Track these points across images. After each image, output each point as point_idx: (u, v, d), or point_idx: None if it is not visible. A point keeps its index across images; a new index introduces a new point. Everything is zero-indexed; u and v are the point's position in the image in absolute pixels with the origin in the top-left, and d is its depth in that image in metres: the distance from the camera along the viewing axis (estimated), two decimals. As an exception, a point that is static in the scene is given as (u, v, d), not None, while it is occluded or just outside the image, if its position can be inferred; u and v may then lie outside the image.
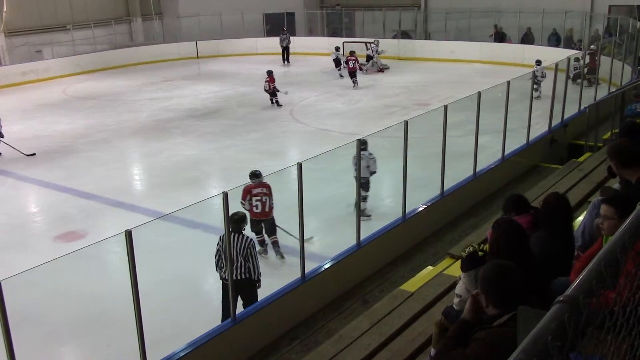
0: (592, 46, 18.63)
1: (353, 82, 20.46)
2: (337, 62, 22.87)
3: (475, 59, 24.37)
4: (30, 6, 25.89)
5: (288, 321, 6.74)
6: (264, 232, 8.77)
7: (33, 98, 20.83)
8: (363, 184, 9.17)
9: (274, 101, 18.18)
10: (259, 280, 6.84)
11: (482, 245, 3.78)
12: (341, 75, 22.04)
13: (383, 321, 5.51)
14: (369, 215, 9.57)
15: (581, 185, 8.47)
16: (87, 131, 16.25)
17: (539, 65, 18.64)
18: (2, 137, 13.89)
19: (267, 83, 18.02)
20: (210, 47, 28.54)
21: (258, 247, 8.22)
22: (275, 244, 8.65)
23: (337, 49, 23.59)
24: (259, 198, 8.49)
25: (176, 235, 9.36)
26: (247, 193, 8.49)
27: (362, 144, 8.58)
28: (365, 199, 9.59)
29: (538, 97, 14.70)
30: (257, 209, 8.51)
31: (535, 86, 17.17)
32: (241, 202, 8.48)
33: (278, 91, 18.12)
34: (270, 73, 18.23)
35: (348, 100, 19.08)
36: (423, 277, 6.62)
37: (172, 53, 27.91)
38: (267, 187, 8.57)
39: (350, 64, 20.56)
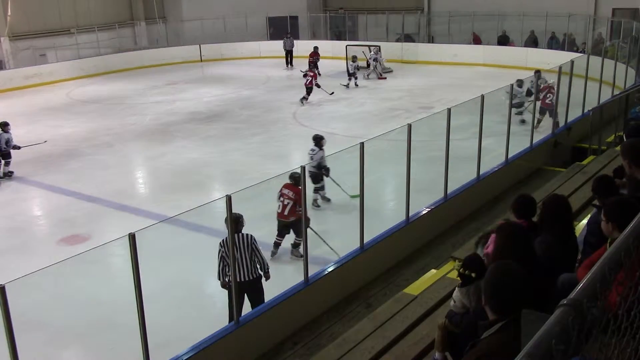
0: (550, 81, 13.37)
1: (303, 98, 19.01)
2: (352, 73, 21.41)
3: (478, 62, 24.35)
4: (35, 10, 25.97)
5: (291, 324, 6.73)
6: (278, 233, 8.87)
7: (37, 102, 20.90)
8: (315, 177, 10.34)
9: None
10: (267, 272, 6.84)
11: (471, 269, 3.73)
12: (356, 85, 21.33)
13: (386, 324, 5.50)
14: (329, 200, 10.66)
15: (585, 188, 8.42)
16: (91, 135, 16.29)
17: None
18: (18, 148, 13.25)
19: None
20: (214, 51, 28.60)
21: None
22: (295, 247, 8.74)
23: (354, 59, 21.62)
24: (282, 200, 8.66)
25: (180, 238, 9.36)
26: (280, 190, 8.75)
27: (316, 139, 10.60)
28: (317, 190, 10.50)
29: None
30: (279, 209, 8.70)
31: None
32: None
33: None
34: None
35: (351, 103, 19.09)
36: (426, 280, 6.61)
37: (175, 56, 27.98)
38: (296, 191, 8.37)
39: (307, 79, 19.03)
